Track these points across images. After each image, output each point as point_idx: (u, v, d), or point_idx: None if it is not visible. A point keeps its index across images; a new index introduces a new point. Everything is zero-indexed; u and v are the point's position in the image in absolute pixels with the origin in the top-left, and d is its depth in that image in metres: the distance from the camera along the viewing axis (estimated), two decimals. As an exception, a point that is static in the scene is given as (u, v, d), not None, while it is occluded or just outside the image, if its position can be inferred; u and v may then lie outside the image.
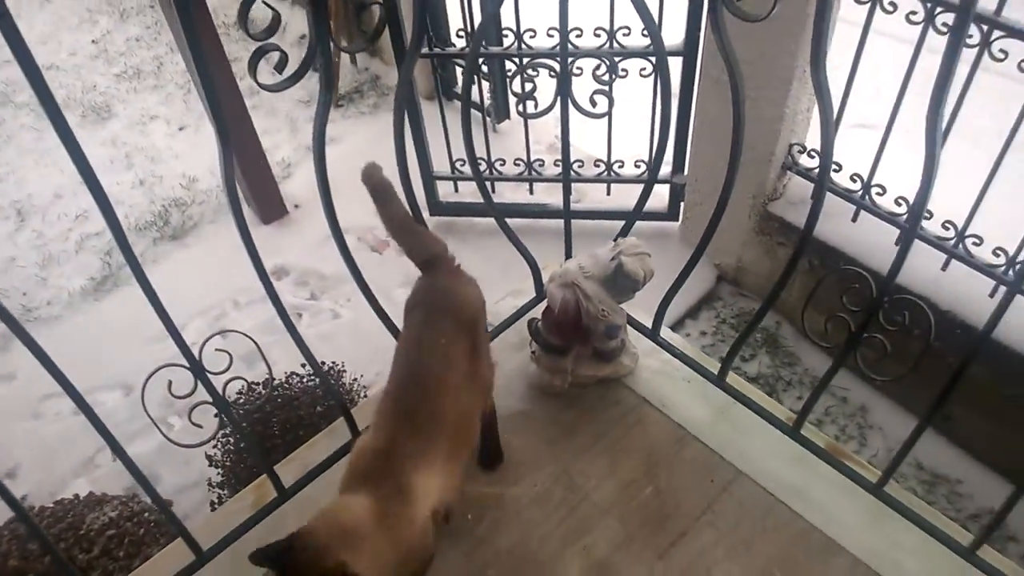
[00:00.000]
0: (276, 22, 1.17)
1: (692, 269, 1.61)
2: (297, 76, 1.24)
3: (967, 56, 2.06)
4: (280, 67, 1.22)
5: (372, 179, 1.49)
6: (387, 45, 4.04)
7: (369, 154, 4.05)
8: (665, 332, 1.79)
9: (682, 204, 3.29)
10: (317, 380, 2.43)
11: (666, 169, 3.18)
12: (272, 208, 3.65)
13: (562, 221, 1.88)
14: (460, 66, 3.67)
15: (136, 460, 1.40)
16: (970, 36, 2.06)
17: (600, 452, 1.60)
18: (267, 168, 3.58)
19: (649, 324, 1.78)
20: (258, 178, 3.54)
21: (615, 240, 1.64)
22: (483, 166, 3.31)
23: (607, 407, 1.68)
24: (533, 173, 3.37)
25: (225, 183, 1.28)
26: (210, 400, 1.44)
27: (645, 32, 1.46)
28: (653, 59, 2.83)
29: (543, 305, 1.69)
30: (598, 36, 2.80)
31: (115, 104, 4.63)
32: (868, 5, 2.30)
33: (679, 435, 1.62)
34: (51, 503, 2.28)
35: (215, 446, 2.38)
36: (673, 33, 2.77)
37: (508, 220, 1.81)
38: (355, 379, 2.62)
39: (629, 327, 1.76)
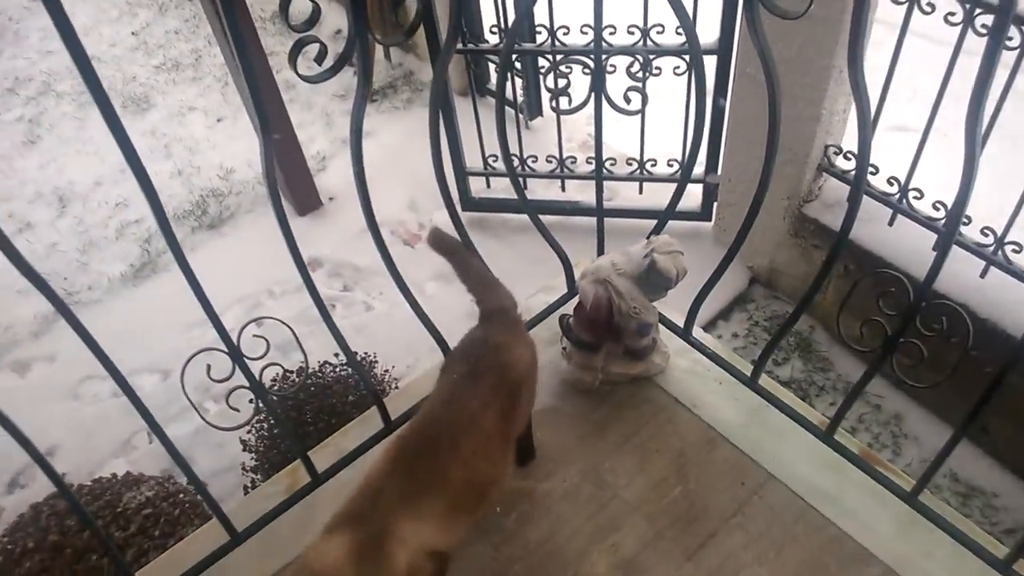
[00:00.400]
0: (316, 14, 1.19)
1: (725, 269, 1.61)
2: (336, 68, 1.26)
3: (1007, 59, 2.03)
4: (319, 59, 1.24)
5: (441, 243, 1.50)
6: (421, 41, 4.06)
7: (403, 149, 4.08)
8: (697, 332, 1.79)
9: (715, 204, 3.27)
10: (349, 369, 2.47)
11: (699, 168, 3.17)
12: (307, 200, 3.70)
13: (594, 219, 1.89)
14: (493, 62, 3.69)
15: (173, 442, 1.44)
16: (1010, 38, 2.02)
17: (630, 450, 1.61)
18: (303, 161, 3.62)
19: (681, 323, 1.78)
20: (294, 170, 3.59)
21: (648, 238, 1.64)
22: (515, 163, 3.32)
23: (638, 405, 1.69)
24: (565, 170, 3.37)
25: (265, 174, 1.31)
26: (247, 385, 1.48)
27: (679, 30, 1.46)
28: (687, 57, 2.82)
29: (575, 301, 1.69)
30: (631, 33, 2.79)
31: (154, 95, 4.71)
32: (906, 5, 2.26)
33: (710, 436, 1.62)
34: (90, 481, 2.34)
35: (249, 431, 2.42)
36: (707, 31, 2.76)
37: (540, 217, 1.81)
38: (387, 370, 2.65)
39: (661, 326, 1.76)
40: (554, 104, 2.54)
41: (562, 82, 2.53)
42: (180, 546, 1.67)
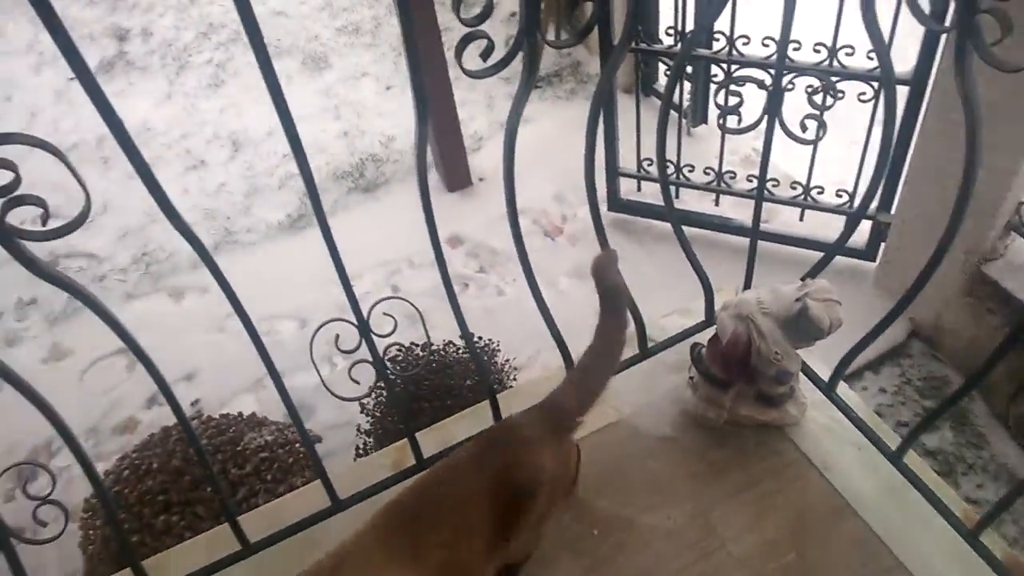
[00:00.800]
0: (489, 10, 1.17)
1: (887, 326, 1.47)
2: (502, 64, 1.23)
3: None
4: (486, 55, 1.22)
5: (602, 273, 1.31)
6: (593, 33, 4.00)
7: (559, 139, 4.06)
8: (842, 388, 1.65)
9: (882, 245, 3.03)
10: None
11: (872, 204, 2.94)
12: (458, 177, 3.75)
13: (744, 239, 1.77)
14: (665, 64, 3.57)
15: (298, 391, 1.47)
16: None
17: (747, 502, 1.50)
18: (459, 139, 3.67)
19: (826, 377, 1.65)
20: (449, 147, 3.65)
21: (803, 280, 1.52)
22: (670, 169, 3.21)
23: (764, 455, 1.57)
24: (723, 184, 3.22)
25: (417, 155, 1.31)
26: (370, 360, 1.50)
27: (871, 54, 1.33)
28: (876, 84, 2.62)
29: (711, 332, 1.60)
30: (817, 52, 2.62)
31: (332, 56, 4.91)
32: None
33: (837, 505, 1.48)
34: (218, 415, 2.49)
35: (368, 395, 2.48)
36: (902, 59, 2.54)
37: (688, 230, 1.72)
38: (507, 360, 2.64)
39: (802, 375, 1.64)
40: (721, 121, 2.40)
41: (734, 100, 2.40)
42: (286, 499, 1.74)
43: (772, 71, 2.61)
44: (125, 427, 3.07)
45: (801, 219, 3.16)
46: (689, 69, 3.44)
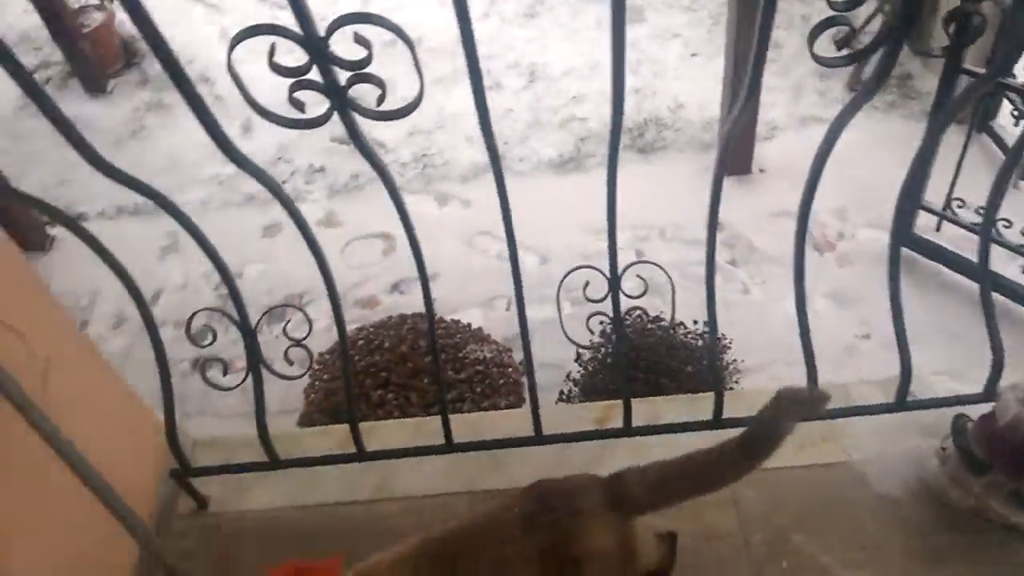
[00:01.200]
0: None
1: None
2: (857, 57, 1.14)
3: None
4: (842, 44, 1.13)
5: (781, 417, 1.12)
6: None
7: (863, 152, 3.72)
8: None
9: None
10: (699, 342, 2.42)
11: None
12: (739, 163, 3.58)
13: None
14: (1011, 102, 3.11)
15: (523, 322, 1.53)
16: None
17: (961, 601, 1.34)
18: (753, 124, 3.50)
19: (1109, 502, 1.40)
20: (740, 130, 3.49)
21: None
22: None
23: (999, 559, 1.38)
24: (1041, 253, 2.79)
25: (725, 138, 1.27)
26: (610, 316, 1.51)
27: None
28: None
29: (985, 408, 1.41)
30: None
31: (648, 11, 4.85)
32: None
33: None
34: (450, 319, 2.66)
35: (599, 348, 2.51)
36: None
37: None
38: (734, 360, 2.53)
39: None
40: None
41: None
42: (490, 415, 1.83)
43: None
44: (366, 303, 3.37)
45: None
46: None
